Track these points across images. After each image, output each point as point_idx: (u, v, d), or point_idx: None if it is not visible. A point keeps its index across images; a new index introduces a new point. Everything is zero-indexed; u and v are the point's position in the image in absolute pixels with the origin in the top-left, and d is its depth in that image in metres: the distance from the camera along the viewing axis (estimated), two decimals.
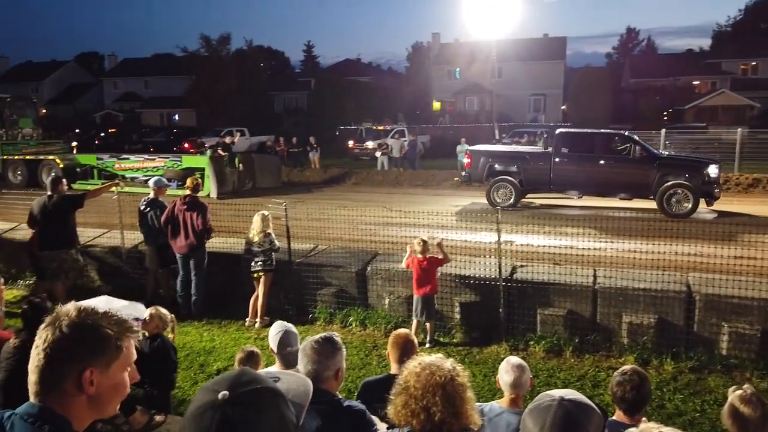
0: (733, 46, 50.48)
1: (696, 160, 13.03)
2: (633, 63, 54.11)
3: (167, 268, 8.04)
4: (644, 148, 12.85)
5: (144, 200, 8.19)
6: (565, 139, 13.55)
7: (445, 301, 7.21)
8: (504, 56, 37.13)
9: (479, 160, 13.95)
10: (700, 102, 40.48)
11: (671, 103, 40.95)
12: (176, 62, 51.44)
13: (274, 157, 22.37)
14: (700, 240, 7.29)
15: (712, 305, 6.26)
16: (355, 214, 8.95)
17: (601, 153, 12.91)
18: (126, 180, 14.23)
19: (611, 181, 12.61)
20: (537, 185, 13.47)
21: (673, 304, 6.39)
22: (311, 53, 74.96)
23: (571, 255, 7.53)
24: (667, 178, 12.09)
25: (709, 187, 12.11)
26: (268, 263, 7.45)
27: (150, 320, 4.58)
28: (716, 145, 20.08)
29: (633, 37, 72.36)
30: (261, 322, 7.41)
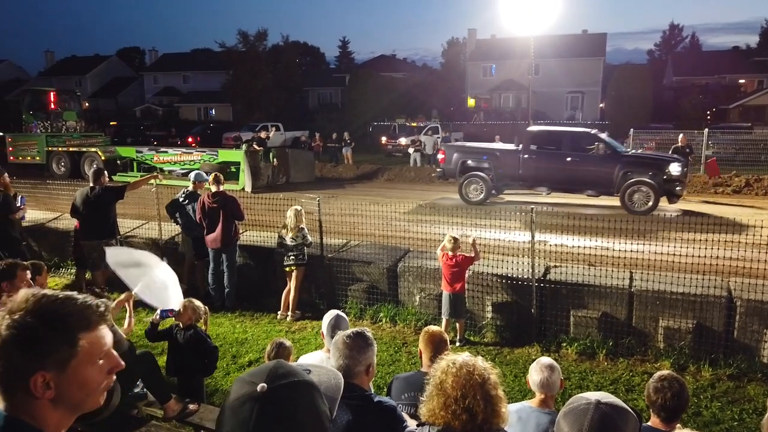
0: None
1: (659, 159, 13.16)
2: (676, 60, 52.58)
3: (203, 260, 8.20)
4: (609, 146, 13.06)
5: (183, 192, 8.37)
6: (534, 137, 13.83)
7: (477, 300, 7.16)
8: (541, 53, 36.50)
9: (452, 157, 14.24)
10: (746, 101, 39.09)
11: (715, 102, 39.64)
12: (214, 57, 52.31)
13: (308, 152, 22.57)
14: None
15: (753, 311, 6.06)
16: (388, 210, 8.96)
17: (568, 150, 13.11)
18: (164, 173, 14.55)
19: (578, 178, 12.85)
20: (507, 181, 13.73)
21: (712, 310, 6.20)
22: (346, 49, 75.24)
23: (606, 256, 7.39)
24: (630, 176, 12.26)
25: (671, 185, 12.23)
26: (301, 258, 7.53)
27: (183, 312, 4.67)
28: (762, 146, 19.39)
29: (676, 34, 70.17)
30: (293, 316, 7.50)
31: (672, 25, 70.51)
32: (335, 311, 3.92)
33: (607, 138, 13.49)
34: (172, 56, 61.46)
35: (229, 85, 45.19)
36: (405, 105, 40.71)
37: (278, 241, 7.71)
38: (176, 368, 4.84)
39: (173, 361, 4.82)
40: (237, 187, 15.39)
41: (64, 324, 1.21)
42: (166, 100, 54.11)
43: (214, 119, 47.47)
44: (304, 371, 1.39)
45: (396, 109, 38.49)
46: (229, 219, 7.77)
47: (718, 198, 14.79)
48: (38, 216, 10.66)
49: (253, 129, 29.64)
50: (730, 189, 15.62)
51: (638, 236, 8.37)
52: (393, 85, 44.54)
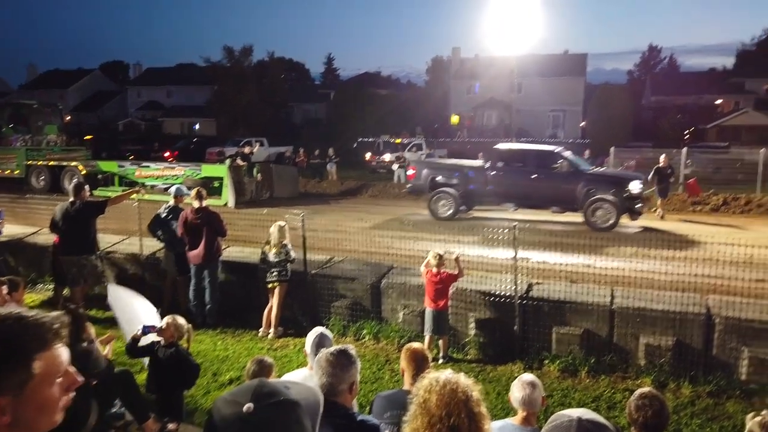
0: (757, 65, 49.88)
1: (620, 177, 13.48)
2: (654, 81, 53.75)
3: (186, 275, 8.12)
4: (572, 164, 13.37)
5: (165, 207, 8.30)
6: (501, 154, 14.06)
7: (460, 317, 7.16)
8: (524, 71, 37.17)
9: (422, 173, 14.45)
10: (723, 121, 40.01)
11: (693, 121, 40.50)
12: (199, 72, 52.29)
13: (292, 167, 22.54)
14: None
15: (731, 328, 6.14)
16: (372, 226, 8.97)
17: (533, 168, 13.37)
18: (146, 188, 14.42)
19: (543, 194, 13.13)
20: (475, 197, 13.96)
21: (691, 327, 6.28)
22: (331, 65, 75.79)
23: (587, 273, 7.46)
24: (593, 193, 12.53)
25: (631, 202, 12.53)
26: (284, 274, 7.48)
27: (166, 328, 4.62)
28: (738, 165, 19.82)
29: (655, 55, 71.82)
30: (275, 333, 7.43)
31: (651, 47, 72.20)
32: (319, 329, 3.90)
33: (570, 156, 13.80)
34: (156, 70, 61.30)
35: (214, 100, 45.17)
36: (389, 122, 40.95)
37: (261, 257, 7.66)
38: (157, 385, 4.76)
39: (154, 378, 4.75)
40: (220, 202, 15.30)
41: (17, 346, 1.14)
42: (149, 115, 53.86)
43: (198, 134, 47.31)
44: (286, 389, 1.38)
45: (381, 125, 38.70)
46: (212, 235, 7.71)
47: (696, 216, 15.04)
48: (16, 231, 10.47)
49: (238, 144, 29.59)
50: (708, 207, 15.90)
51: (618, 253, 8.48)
52: (378, 102, 44.83)
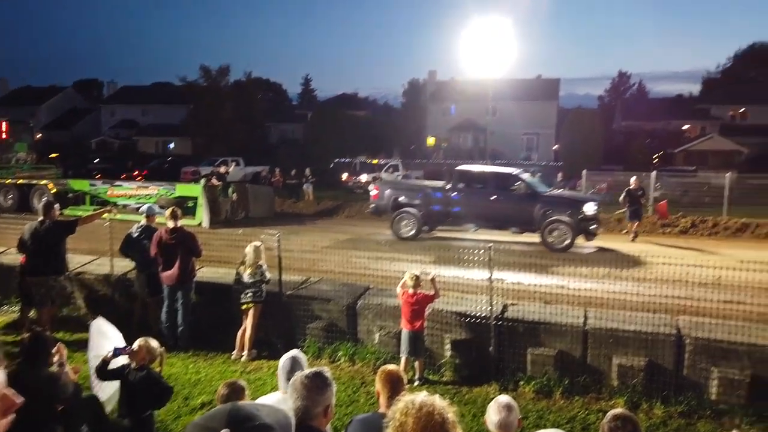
0: (722, 92, 51.73)
1: (575, 199, 13.90)
2: (624, 106, 55.20)
3: (156, 297, 7.97)
4: (530, 186, 13.72)
5: (137, 227, 8.17)
6: (462, 176, 14.37)
7: (436, 338, 7.15)
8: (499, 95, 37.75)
9: (385, 193, 14.65)
10: (690, 146, 41.19)
11: (662, 146, 41.63)
12: (175, 91, 51.96)
13: (268, 187, 22.46)
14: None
15: (701, 349, 6.25)
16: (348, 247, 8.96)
17: (493, 189, 13.73)
18: (118, 207, 14.19)
19: (502, 215, 13.43)
20: (437, 218, 14.18)
21: (663, 347, 6.37)
22: (309, 86, 76.13)
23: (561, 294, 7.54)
24: (549, 214, 12.85)
25: (586, 223, 12.88)
26: (258, 295, 7.40)
27: (138, 351, 4.52)
28: (705, 188, 20.37)
29: (625, 81, 73.85)
30: (248, 356, 7.32)
31: (620, 73, 74.18)
32: (293, 352, 3.85)
33: (528, 178, 14.17)
34: (131, 89, 60.74)
35: (190, 119, 44.89)
36: (366, 143, 41.18)
37: (236, 278, 7.57)
38: (128, 410, 4.63)
39: (125, 401, 4.62)
40: (194, 222, 15.12)
41: None
42: (123, 133, 53.17)
43: (173, 153, 46.84)
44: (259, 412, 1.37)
45: (358, 146, 38.88)
46: (186, 255, 7.60)
47: (665, 238, 15.37)
48: None
49: (213, 163, 29.38)
50: (677, 230, 16.28)
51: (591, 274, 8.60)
52: (355, 123, 45.08)
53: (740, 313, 6.60)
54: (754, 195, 18.35)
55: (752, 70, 58.61)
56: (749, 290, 6.84)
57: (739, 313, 6.62)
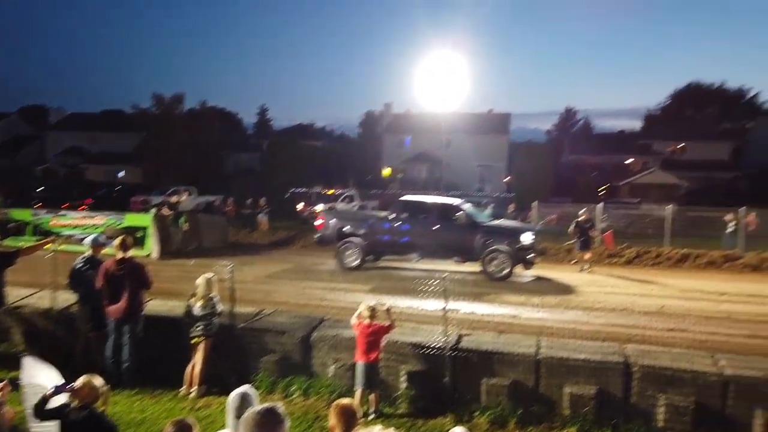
0: (662, 128, 54.58)
1: (513, 228, 14.32)
2: (572, 140, 57.45)
3: (100, 332, 7.63)
4: (470, 216, 14.09)
5: (82, 258, 7.85)
6: (405, 206, 14.70)
7: (391, 370, 7.10)
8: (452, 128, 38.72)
9: (330, 222, 14.81)
10: (634, 179, 43.03)
11: (607, 179, 43.34)
12: (126, 119, 50.85)
13: (221, 217, 22.08)
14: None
15: (648, 377, 6.42)
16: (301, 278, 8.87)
17: (435, 219, 14.03)
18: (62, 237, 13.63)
19: (444, 245, 13.71)
20: (381, 248, 14.42)
21: (612, 375, 6.52)
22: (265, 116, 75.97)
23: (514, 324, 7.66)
24: (489, 244, 13.22)
25: (524, 252, 13.28)
26: (209, 328, 7.20)
27: (81, 388, 4.30)
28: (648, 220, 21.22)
29: (571, 117, 77.09)
30: (197, 392, 7.06)
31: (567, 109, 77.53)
32: (242, 388, 3.71)
33: (468, 208, 14.52)
34: (79, 116, 59.02)
35: (141, 147, 43.91)
36: (323, 173, 41.21)
37: (186, 311, 7.34)
38: None
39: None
40: (143, 252, 14.68)
41: None
42: (70, 161, 51.43)
43: (123, 181, 45.57)
44: None
45: (314, 176, 38.85)
46: (135, 288, 7.32)
47: (612, 269, 15.86)
48: None
49: (164, 192, 28.74)
50: (623, 260, 16.85)
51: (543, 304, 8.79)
52: (311, 153, 45.14)
53: (684, 341, 6.86)
54: (693, 226, 19.24)
55: (689, 108, 62.19)
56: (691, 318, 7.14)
57: (682, 340, 6.88)
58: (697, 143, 49.82)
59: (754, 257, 16.33)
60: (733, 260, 16.26)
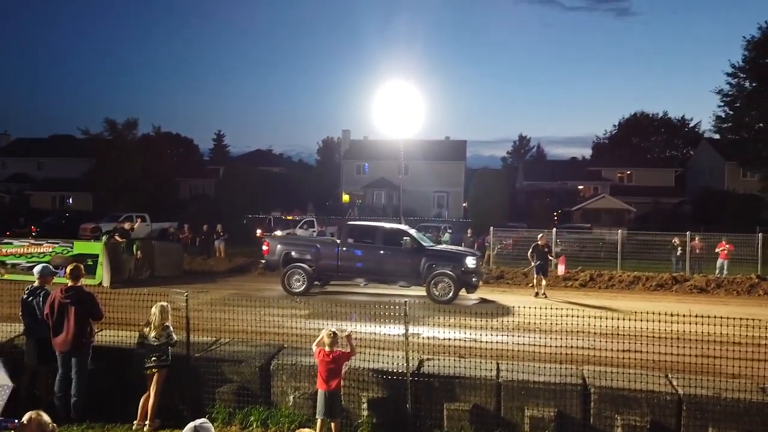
0: (611, 156, 56.83)
1: (457, 253, 14.63)
2: (526, 167, 59.04)
3: (47, 365, 7.26)
4: (416, 240, 14.25)
5: (28, 288, 7.51)
6: (350, 231, 14.81)
7: (353, 398, 7.00)
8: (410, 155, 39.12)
9: (276, 248, 14.70)
10: (585, 204, 44.41)
11: (560, 204, 44.59)
12: (75, 144, 49.46)
13: (176, 244, 21.56)
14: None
15: (606, 397, 6.54)
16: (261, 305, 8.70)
17: (380, 244, 14.15)
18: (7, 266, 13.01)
19: (390, 270, 13.90)
20: (327, 272, 14.41)
21: (570, 397, 6.61)
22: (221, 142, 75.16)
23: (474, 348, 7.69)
24: (434, 268, 13.47)
25: (468, 276, 13.55)
26: (164, 358, 6.96)
27: (27, 425, 4.05)
28: (600, 244, 21.88)
29: (525, 144, 79.44)
30: (151, 425, 6.79)
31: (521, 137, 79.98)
32: (197, 422, 3.58)
33: (414, 234, 14.71)
34: (26, 141, 57.00)
35: (92, 173, 42.64)
36: (281, 198, 40.90)
37: (139, 341, 7.09)
38: None
39: None
40: (94, 281, 14.16)
41: None
42: (15, 187, 49.44)
43: (72, 208, 44.03)
44: None
45: (272, 202, 38.50)
46: (82, 318, 7.01)
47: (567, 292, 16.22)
48: None
49: (116, 219, 27.90)
50: (577, 283, 17.27)
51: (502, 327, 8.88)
52: (269, 179, 44.81)
53: (638, 362, 7.03)
54: (642, 250, 19.94)
55: (634, 136, 64.97)
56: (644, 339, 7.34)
57: (637, 361, 7.05)
58: (643, 170, 51.99)
59: (701, 279, 17.02)
60: (681, 282, 16.89)
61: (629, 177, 51.78)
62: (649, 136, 65.99)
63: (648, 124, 65.84)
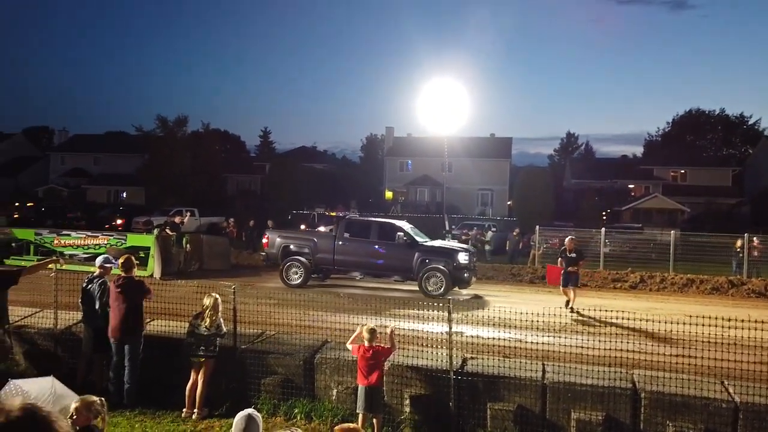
0: (663, 154, 54.81)
1: (450, 249, 14.45)
2: (573, 165, 57.58)
3: (103, 353, 7.56)
4: (409, 236, 14.31)
5: (88, 278, 7.84)
6: (347, 225, 15.00)
7: (395, 394, 7.01)
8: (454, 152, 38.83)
9: (275, 241, 15.01)
10: (636, 204, 43.04)
11: (609, 203, 43.32)
12: (129, 140, 51.26)
13: (224, 238, 22.04)
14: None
15: (657, 403, 6.33)
16: (306, 300, 8.81)
17: (375, 239, 14.29)
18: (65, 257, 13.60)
19: (385, 264, 14.06)
20: (324, 266, 14.59)
21: (619, 401, 6.43)
22: (267, 139, 76.36)
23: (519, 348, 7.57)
24: (427, 263, 13.55)
25: (459, 272, 13.52)
26: (212, 349, 7.14)
27: (78, 414, 4.23)
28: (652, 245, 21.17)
29: (573, 141, 77.45)
30: (199, 414, 6.97)
31: (569, 134, 77.95)
32: (247, 411, 3.68)
33: (408, 229, 14.71)
34: (83, 137, 59.47)
35: (144, 169, 44.12)
36: (325, 195, 41.28)
37: (189, 330, 7.28)
38: None
39: None
40: (145, 273, 14.63)
41: None
42: (73, 182, 51.65)
43: (126, 202, 45.69)
44: None
45: (316, 198, 38.90)
46: (133, 307, 7.28)
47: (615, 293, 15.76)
48: None
49: (167, 213, 28.77)
50: (627, 285, 16.75)
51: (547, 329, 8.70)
52: (313, 175, 45.29)
53: (692, 367, 6.77)
54: (696, 252, 19.17)
55: (689, 134, 62.52)
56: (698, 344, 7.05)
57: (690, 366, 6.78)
58: (699, 169, 49.99)
59: (759, 283, 16.24)
60: (738, 286, 16.17)
61: (683, 176, 49.90)
62: (704, 134, 63.39)
63: (704, 121, 63.26)
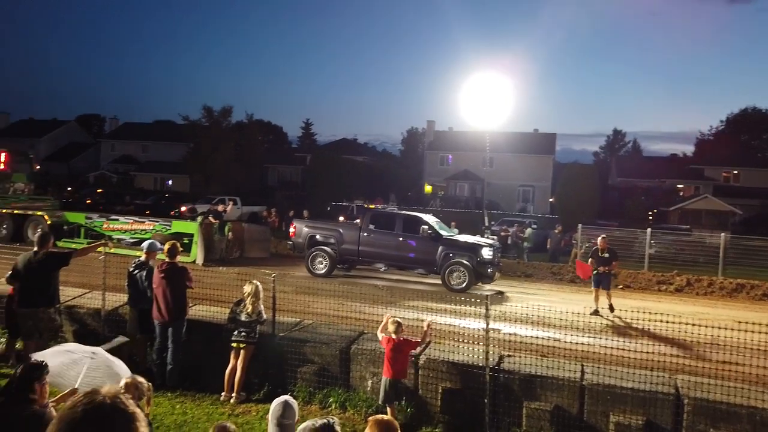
0: (716, 154, 52.70)
1: (473, 243, 14.29)
2: (619, 163, 56.06)
3: (147, 334, 7.81)
4: (433, 229, 14.21)
5: (134, 262, 8.10)
6: (372, 217, 15.09)
7: (430, 387, 7.00)
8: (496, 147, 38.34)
9: (302, 231, 15.23)
10: (684, 205, 41.58)
11: (656, 203, 41.99)
12: (176, 129, 52.55)
13: (265, 227, 22.40)
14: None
15: (700, 410, 6.13)
16: (343, 290, 8.88)
17: (400, 231, 14.30)
18: (113, 241, 14.09)
19: (408, 257, 14.09)
20: (349, 256, 14.70)
21: (661, 407, 6.25)
22: (309, 130, 77.06)
23: (557, 348, 7.45)
24: (451, 257, 13.48)
25: (483, 267, 13.40)
26: (252, 335, 7.28)
27: (125, 389, 4.38)
28: (700, 248, 20.43)
29: (619, 139, 75.34)
30: (237, 398, 7.13)
31: (615, 131, 75.86)
32: (284, 398, 3.74)
33: (433, 222, 14.62)
34: (132, 125, 61.43)
35: (189, 157, 45.21)
36: (364, 187, 41.43)
37: (230, 316, 7.44)
38: None
39: None
40: (188, 259, 15.00)
41: None
42: (122, 168, 53.42)
43: (171, 189, 46.98)
44: None
45: (355, 190, 39.08)
46: (177, 291, 7.50)
47: (660, 296, 15.30)
48: None
49: (210, 201, 29.43)
50: (672, 287, 16.24)
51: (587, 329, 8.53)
52: (353, 168, 45.46)
53: (738, 375, 6.52)
54: (748, 256, 18.39)
55: (744, 133, 60.00)
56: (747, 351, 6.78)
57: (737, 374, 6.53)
58: (753, 170, 47.94)
59: None
60: None
61: (736, 177, 47.95)
62: (760, 134, 60.71)
63: (760, 120, 60.55)
